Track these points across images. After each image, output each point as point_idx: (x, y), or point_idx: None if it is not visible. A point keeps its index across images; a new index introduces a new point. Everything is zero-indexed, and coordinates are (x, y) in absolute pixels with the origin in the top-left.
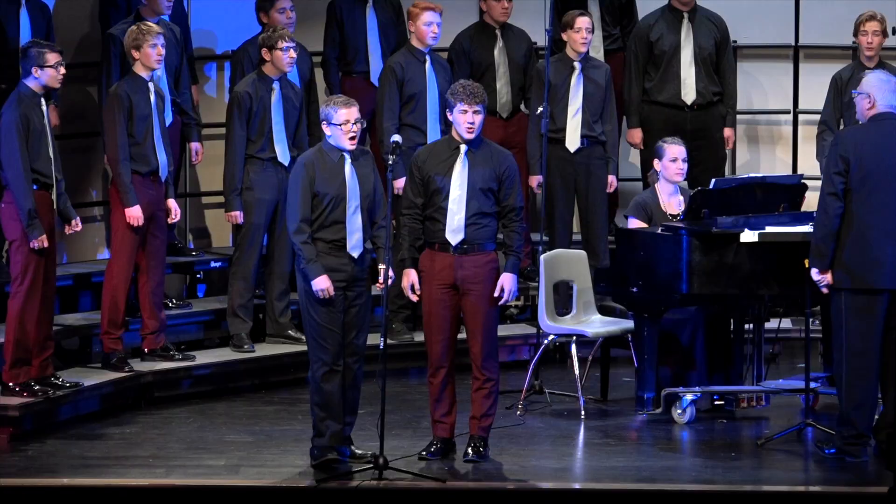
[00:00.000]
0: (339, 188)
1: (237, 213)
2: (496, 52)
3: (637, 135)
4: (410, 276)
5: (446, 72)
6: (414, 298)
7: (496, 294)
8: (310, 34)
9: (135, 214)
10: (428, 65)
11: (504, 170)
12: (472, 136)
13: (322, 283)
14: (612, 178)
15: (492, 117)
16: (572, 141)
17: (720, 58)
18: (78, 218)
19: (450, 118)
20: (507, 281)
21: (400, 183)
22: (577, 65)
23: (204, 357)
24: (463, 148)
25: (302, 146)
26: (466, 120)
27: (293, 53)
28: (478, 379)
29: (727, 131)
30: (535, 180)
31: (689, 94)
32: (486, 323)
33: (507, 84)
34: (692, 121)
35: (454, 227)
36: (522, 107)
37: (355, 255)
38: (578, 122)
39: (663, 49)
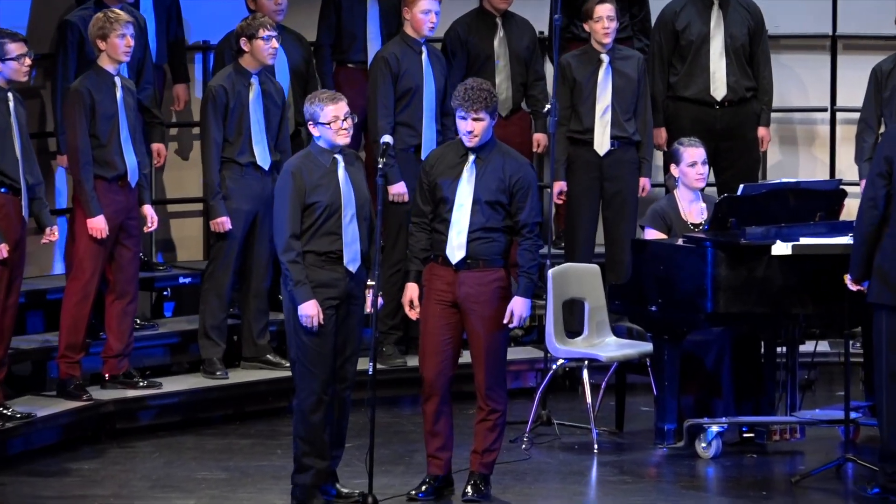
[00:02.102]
0: (332, 195)
1: (223, 218)
2: (496, 43)
3: (661, 135)
4: (410, 291)
5: (442, 65)
6: (413, 315)
7: (506, 320)
8: (306, 21)
9: (98, 226)
10: (424, 57)
11: (516, 181)
12: (472, 145)
13: (309, 310)
14: (644, 181)
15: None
16: (601, 143)
17: (754, 48)
18: (55, 226)
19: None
20: (517, 305)
21: (395, 189)
22: (604, 57)
23: (171, 384)
24: (471, 156)
25: (285, 150)
26: (465, 128)
27: (275, 44)
28: (482, 410)
29: (762, 131)
30: (557, 187)
31: (718, 89)
32: (489, 347)
33: (507, 79)
34: (722, 119)
35: (456, 243)
36: (524, 104)
37: (352, 269)
38: (608, 122)
39: (690, 39)
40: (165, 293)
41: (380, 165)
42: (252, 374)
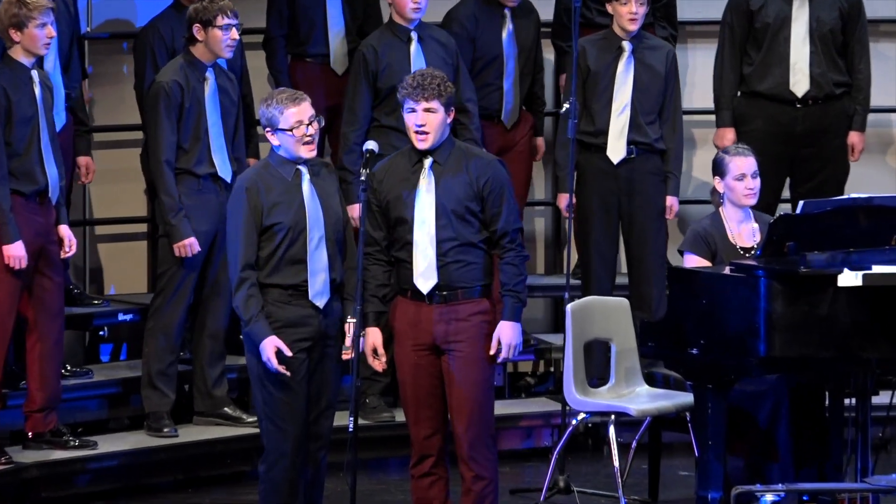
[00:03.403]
0: (296, 215)
1: (190, 240)
2: (504, 39)
3: (728, 137)
4: (371, 338)
5: (447, 52)
6: (378, 367)
7: (492, 351)
8: (246, 4)
9: (15, 253)
10: (414, 45)
11: (485, 182)
12: (426, 146)
13: (268, 349)
14: (671, 201)
15: (491, 124)
16: (616, 148)
17: (848, 36)
18: (73, 239)
19: (404, 119)
20: (504, 332)
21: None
22: (626, 45)
23: (109, 443)
24: (426, 160)
25: (239, 156)
26: (414, 122)
27: (235, 35)
28: (464, 479)
29: (854, 136)
30: (563, 201)
31: (800, 82)
32: (472, 397)
33: (517, 83)
34: (805, 120)
35: (423, 269)
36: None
37: (320, 303)
38: (625, 123)
39: (767, 21)
40: (101, 333)
41: (362, 178)
42: (207, 432)
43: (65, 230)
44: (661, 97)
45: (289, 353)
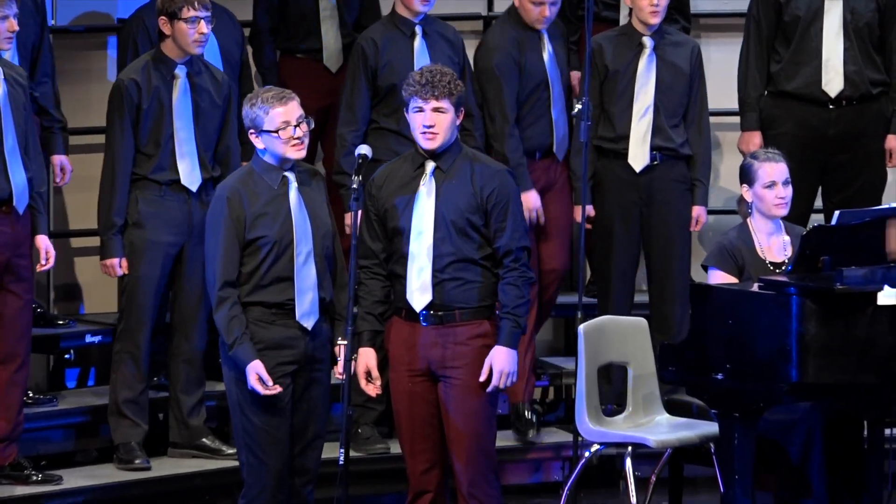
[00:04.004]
0: (282, 228)
1: (115, 260)
2: (547, 63)
3: (754, 141)
4: (365, 359)
5: (453, 50)
6: (371, 391)
7: (481, 378)
8: None
9: None
10: (418, 41)
11: (490, 193)
12: (433, 146)
13: (250, 375)
14: (699, 211)
15: (533, 161)
16: (638, 155)
17: (886, 30)
18: (50, 250)
19: (408, 120)
20: (498, 358)
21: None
22: (647, 41)
23: (75, 478)
24: (429, 165)
25: (227, 162)
26: (422, 122)
27: (204, 28)
28: None
29: (892, 140)
30: (579, 213)
31: (833, 81)
32: (472, 428)
33: (563, 111)
34: (838, 122)
35: (417, 284)
36: None
37: (308, 324)
38: (648, 127)
39: (797, 14)
40: (68, 356)
41: (354, 185)
42: (183, 465)
43: (42, 241)
44: (685, 98)
45: (270, 384)
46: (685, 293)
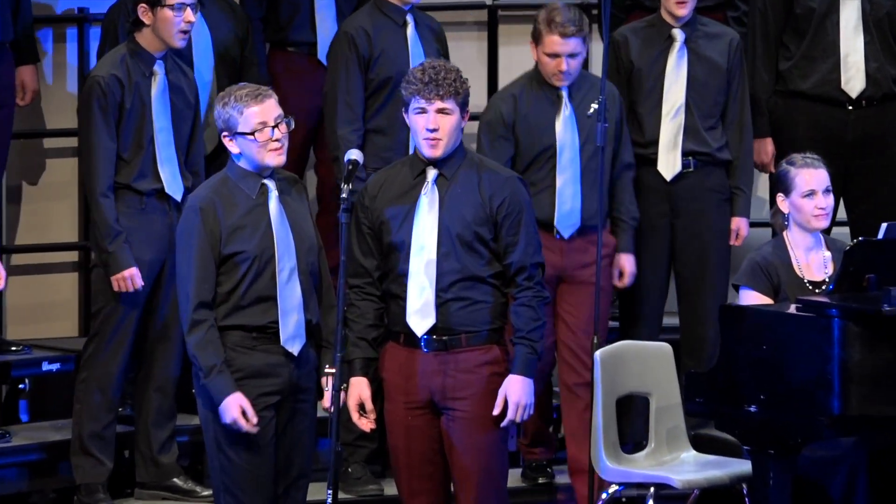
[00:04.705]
0: (262, 242)
1: (131, 271)
2: (559, 127)
3: (766, 148)
4: (357, 390)
5: (441, 42)
6: (364, 426)
7: (496, 410)
8: None
9: None
10: (411, 31)
11: (500, 203)
12: (437, 154)
13: (233, 408)
14: (738, 222)
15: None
16: (669, 161)
17: None
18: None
19: (408, 122)
20: (513, 389)
21: None
22: (677, 34)
23: None
24: (431, 172)
25: (197, 170)
26: (425, 125)
27: (190, 17)
28: None
29: None
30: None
31: (854, 79)
32: (481, 466)
33: (575, 181)
34: (857, 125)
35: (419, 305)
36: None
37: (294, 349)
38: (679, 130)
39: (810, 6)
40: (21, 386)
41: (343, 195)
42: None
43: None
44: (722, 96)
45: (254, 421)
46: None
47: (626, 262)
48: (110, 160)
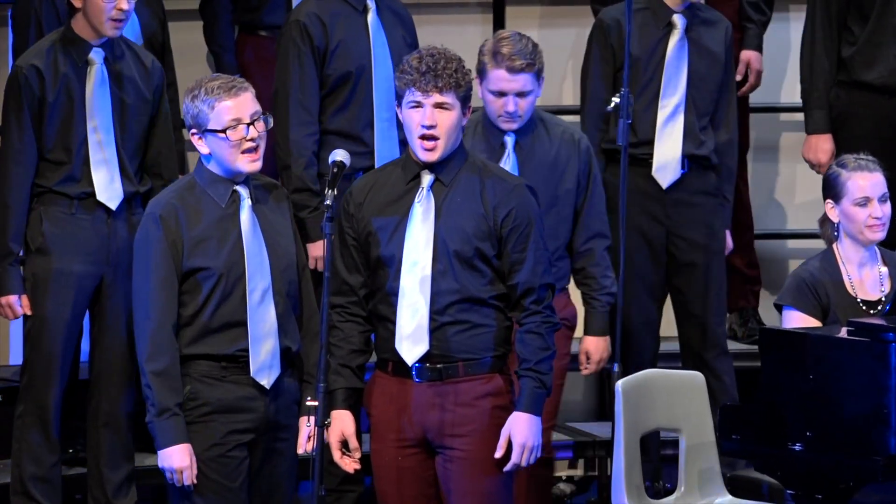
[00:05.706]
0: (230, 257)
1: (11, 298)
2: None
3: (823, 146)
4: (340, 426)
5: (406, 28)
6: (348, 467)
7: (499, 453)
8: None
9: None
10: (372, 17)
11: (506, 214)
12: (433, 156)
13: (178, 459)
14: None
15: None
16: (668, 167)
17: None
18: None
19: (401, 118)
20: (519, 428)
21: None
22: (677, 20)
23: None
24: (426, 176)
25: (160, 173)
26: (420, 121)
27: (125, 3)
28: None
29: None
30: None
31: None
32: None
33: None
34: None
35: (411, 329)
36: None
37: (266, 381)
38: (679, 130)
39: None
40: None
41: (327, 201)
42: None
43: None
44: (716, 92)
45: (192, 480)
46: (722, 334)
47: (593, 347)
48: (19, 162)
